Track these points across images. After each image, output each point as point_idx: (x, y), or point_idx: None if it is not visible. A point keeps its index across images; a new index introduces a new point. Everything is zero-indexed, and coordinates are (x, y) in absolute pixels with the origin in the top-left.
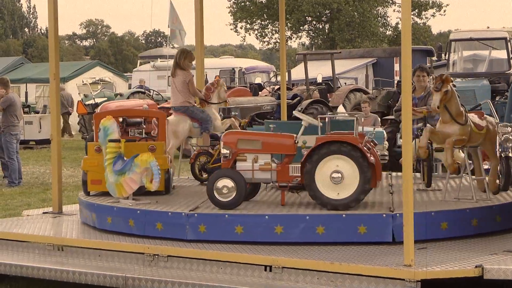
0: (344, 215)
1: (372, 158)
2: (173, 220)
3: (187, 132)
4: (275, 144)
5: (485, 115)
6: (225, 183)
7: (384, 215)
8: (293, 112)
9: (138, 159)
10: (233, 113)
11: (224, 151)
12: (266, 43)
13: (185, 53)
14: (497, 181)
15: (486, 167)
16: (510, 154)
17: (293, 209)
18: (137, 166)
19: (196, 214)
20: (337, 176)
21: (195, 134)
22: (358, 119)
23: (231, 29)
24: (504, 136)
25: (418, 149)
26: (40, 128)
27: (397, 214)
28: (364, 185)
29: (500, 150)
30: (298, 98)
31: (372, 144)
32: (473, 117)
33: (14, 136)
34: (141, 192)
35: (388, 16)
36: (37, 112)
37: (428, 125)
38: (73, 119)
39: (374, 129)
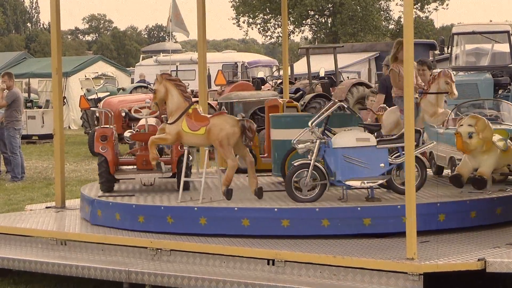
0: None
1: None
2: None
3: None
4: None
5: None
6: None
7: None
8: None
9: None
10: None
11: None
12: (268, 37)
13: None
14: None
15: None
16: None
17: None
18: None
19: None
20: None
21: None
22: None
23: (234, 24)
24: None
25: None
26: (43, 123)
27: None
28: None
29: None
30: (301, 92)
31: None
32: None
33: (17, 130)
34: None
35: (390, 10)
36: (40, 107)
37: None
38: (76, 114)
39: None
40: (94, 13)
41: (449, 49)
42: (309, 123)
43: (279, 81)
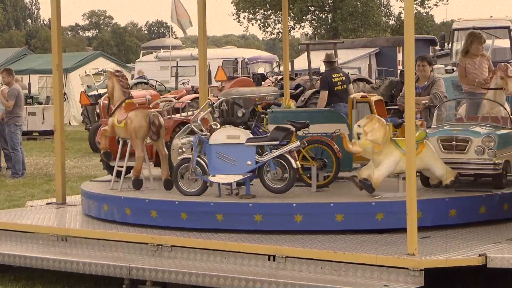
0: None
1: None
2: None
3: None
4: None
5: None
6: None
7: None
8: None
9: None
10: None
11: None
12: (269, 33)
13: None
14: None
15: None
16: None
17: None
18: None
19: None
20: None
21: None
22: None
23: (234, 20)
24: None
25: None
26: (43, 119)
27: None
28: None
29: None
30: (301, 88)
31: None
32: None
33: (18, 127)
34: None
35: (391, 6)
36: (40, 103)
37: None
38: (76, 110)
39: None
40: (94, 9)
41: (450, 44)
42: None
43: (279, 77)
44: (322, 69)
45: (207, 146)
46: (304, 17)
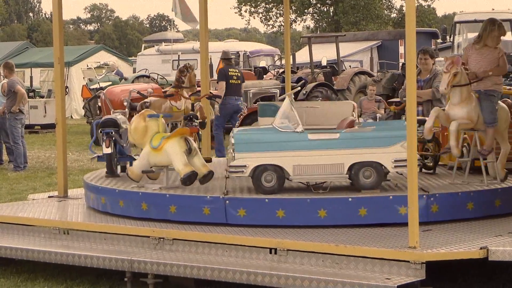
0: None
1: None
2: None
3: None
4: None
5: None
6: None
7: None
8: None
9: None
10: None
11: None
12: (270, 26)
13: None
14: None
15: None
16: None
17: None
18: None
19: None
20: None
21: None
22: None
23: (236, 13)
24: None
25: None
26: (45, 112)
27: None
28: None
29: None
30: (303, 81)
31: None
32: None
33: (18, 120)
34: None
35: None
36: (42, 97)
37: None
38: (78, 104)
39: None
40: (96, 3)
41: (451, 37)
42: None
43: (281, 70)
44: (324, 62)
45: None
46: (305, 10)
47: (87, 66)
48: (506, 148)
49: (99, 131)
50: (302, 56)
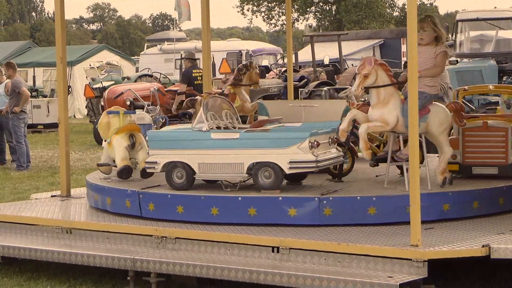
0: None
1: None
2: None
3: None
4: None
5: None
6: None
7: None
8: None
9: None
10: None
11: None
12: (273, 25)
13: None
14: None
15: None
16: None
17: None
18: None
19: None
20: None
21: None
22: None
23: (238, 12)
24: None
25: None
26: (48, 112)
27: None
28: None
29: None
30: (305, 80)
31: None
32: None
33: (22, 120)
34: None
35: None
36: (45, 96)
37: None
38: (81, 103)
39: None
40: (98, 2)
41: (454, 36)
42: None
43: (283, 69)
44: (326, 61)
45: None
46: (308, 9)
47: (90, 65)
48: (446, 153)
49: None
50: (304, 54)
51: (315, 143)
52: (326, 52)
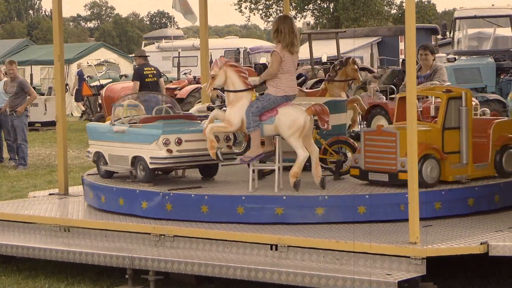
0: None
1: None
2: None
3: None
4: None
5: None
6: None
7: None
8: None
9: None
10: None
11: None
12: (270, 23)
13: None
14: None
15: None
16: None
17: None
18: None
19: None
20: None
21: None
22: None
23: (236, 9)
24: None
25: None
26: (46, 110)
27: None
28: None
29: None
30: (303, 77)
31: None
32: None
33: (26, 118)
34: None
35: None
36: (42, 94)
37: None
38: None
39: None
40: (96, 0)
41: (451, 33)
42: None
43: None
44: (324, 58)
45: None
46: (305, 7)
47: (87, 63)
48: (299, 156)
49: None
50: (302, 52)
51: (176, 140)
52: (324, 50)
